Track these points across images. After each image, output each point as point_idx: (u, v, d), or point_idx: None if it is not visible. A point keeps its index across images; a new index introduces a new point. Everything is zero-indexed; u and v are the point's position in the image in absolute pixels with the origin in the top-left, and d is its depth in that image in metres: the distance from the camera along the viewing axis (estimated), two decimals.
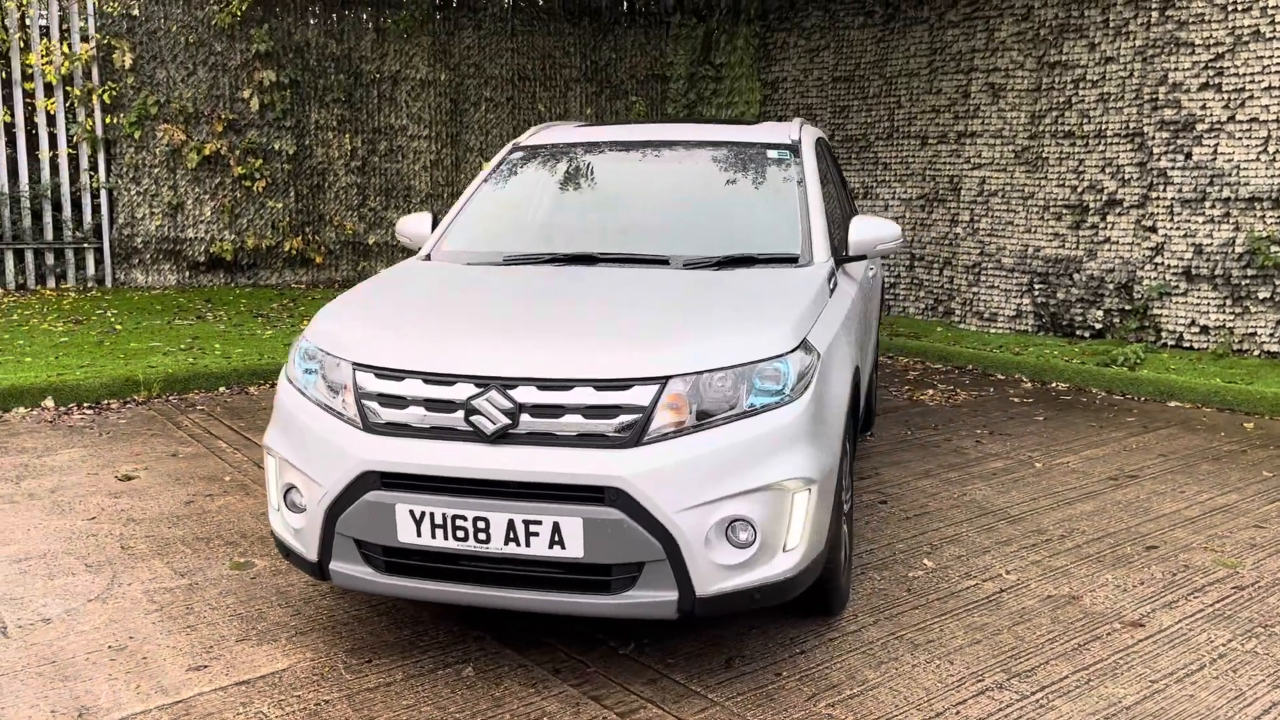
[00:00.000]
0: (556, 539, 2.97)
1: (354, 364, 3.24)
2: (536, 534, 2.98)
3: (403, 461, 3.06)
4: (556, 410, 3.02)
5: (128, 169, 10.01)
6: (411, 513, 3.05)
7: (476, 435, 3.04)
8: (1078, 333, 8.76)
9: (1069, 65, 8.60)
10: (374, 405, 3.17)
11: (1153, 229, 8.18)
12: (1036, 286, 8.95)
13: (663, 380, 3.02)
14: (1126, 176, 8.29)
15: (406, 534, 3.07)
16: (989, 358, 8.35)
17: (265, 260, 10.57)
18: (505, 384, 3.05)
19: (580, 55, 11.28)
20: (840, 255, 4.22)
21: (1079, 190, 8.60)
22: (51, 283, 10.07)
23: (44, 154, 9.88)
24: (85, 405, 6.62)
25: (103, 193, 10.02)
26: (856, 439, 4.15)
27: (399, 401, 3.14)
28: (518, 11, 10.92)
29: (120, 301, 9.64)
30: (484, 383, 3.06)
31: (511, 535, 3.00)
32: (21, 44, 9.67)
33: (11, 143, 9.82)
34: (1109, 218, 8.44)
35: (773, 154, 4.53)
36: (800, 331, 3.28)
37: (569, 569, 3.02)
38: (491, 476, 2.99)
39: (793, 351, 3.19)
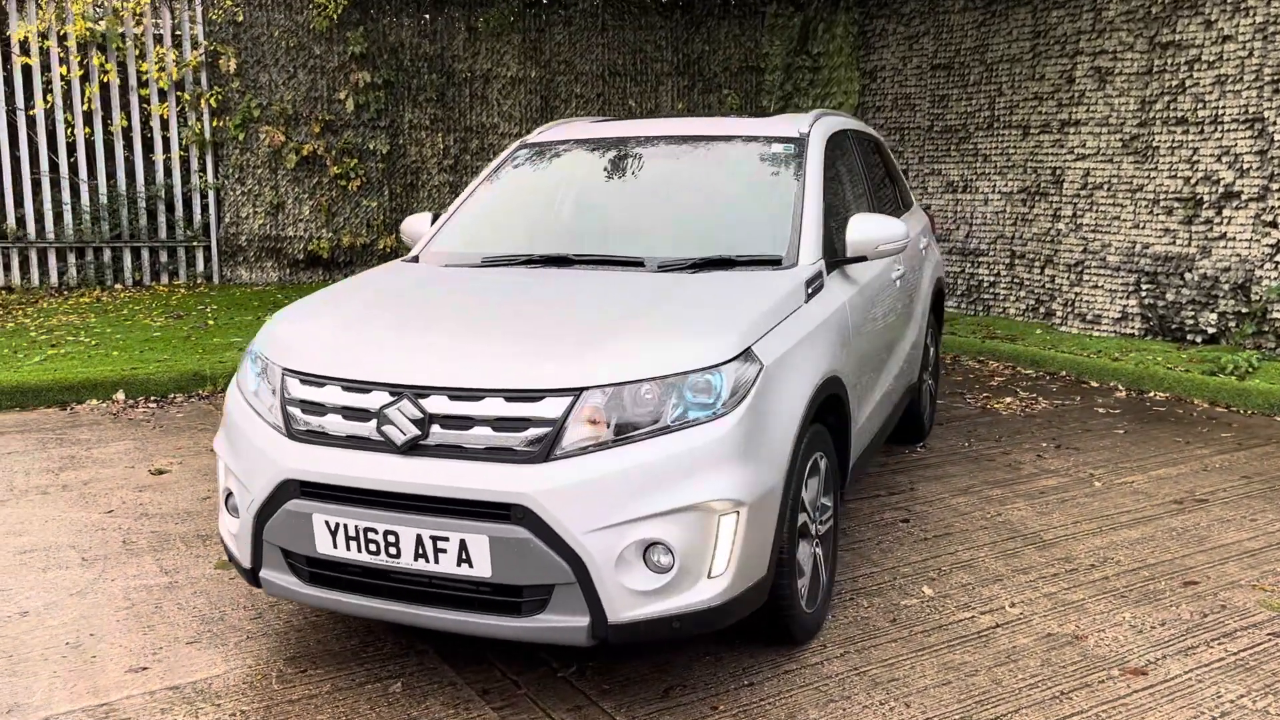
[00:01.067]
0: (464, 557, 2.85)
1: (283, 369, 3.20)
2: (445, 550, 2.86)
3: (318, 471, 2.99)
4: (466, 421, 2.89)
5: (233, 170, 10.41)
6: (327, 523, 2.98)
7: (388, 446, 2.94)
8: (1188, 337, 8.06)
9: (1182, 45, 7.91)
10: (296, 412, 3.11)
11: (1273, 224, 7.44)
12: (1144, 287, 8.28)
13: (576, 392, 2.85)
14: (1245, 166, 7.56)
15: (324, 545, 3.00)
16: (1084, 363, 7.77)
17: (360, 257, 10.82)
18: (417, 393, 2.94)
19: (672, 49, 11.10)
20: (836, 257, 3.93)
21: (1192, 182, 7.90)
22: (165, 279, 10.57)
23: (158, 156, 10.36)
24: (151, 399, 6.88)
25: (210, 193, 10.46)
26: (849, 456, 3.86)
27: (318, 409, 3.07)
28: (608, 6, 10.82)
29: (223, 297, 10.03)
30: (397, 391, 2.96)
31: (421, 551, 2.89)
32: (137, 52, 10.16)
33: (129, 146, 10.35)
34: (1225, 212, 7.72)
35: (777, 149, 4.27)
36: (744, 341, 3.05)
37: (478, 588, 2.89)
38: (400, 489, 2.89)
39: (728, 362, 2.97)
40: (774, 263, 3.73)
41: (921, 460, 5.57)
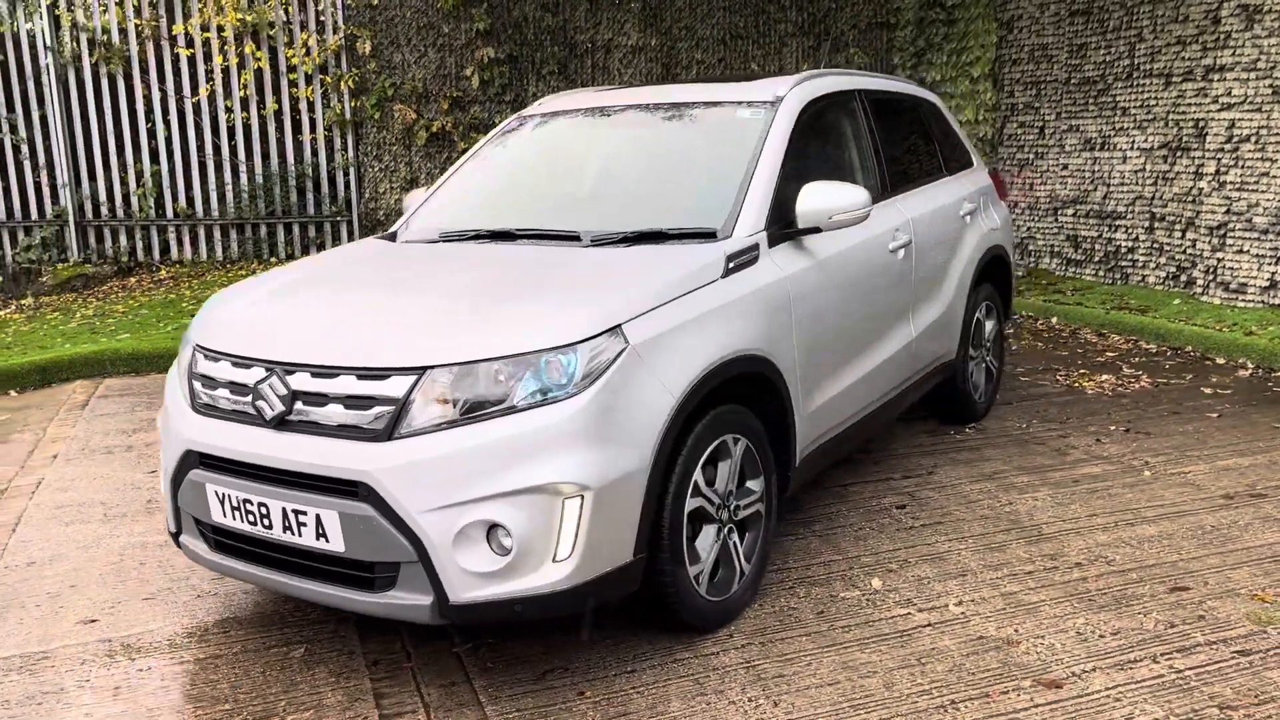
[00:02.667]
0: (321, 531, 2.93)
1: (194, 345, 3.36)
2: (305, 524, 2.95)
3: (208, 442, 3.14)
4: (323, 399, 2.96)
5: (371, 148, 10.91)
6: (216, 493, 3.13)
7: (261, 420, 3.04)
8: None
9: None
10: (198, 386, 3.27)
11: None
12: None
13: (420, 370, 2.85)
14: None
15: (216, 514, 3.15)
16: (1213, 338, 7.01)
17: None
18: (286, 369, 3.03)
19: (796, 8, 10.70)
20: (785, 229, 3.73)
21: None
22: (314, 253, 11.25)
23: (305, 137, 11.01)
24: None
25: (351, 170, 11.02)
26: (792, 439, 3.66)
27: (213, 383, 3.22)
28: None
29: None
30: (270, 367, 3.07)
31: (287, 523, 2.99)
32: (285, 40, 10.81)
33: (280, 128, 11.04)
34: None
35: (745, 114, 4.07)
36: (607, 320, 2.96)
37: (336, 562, 2.96)
38: (265, 463, 3.00)
39: (582, 341, 2.89)
40: (709, 235, 3.58)
41: (962, 442, 5.21)
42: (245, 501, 3.05)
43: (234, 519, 3.10)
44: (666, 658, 3.20)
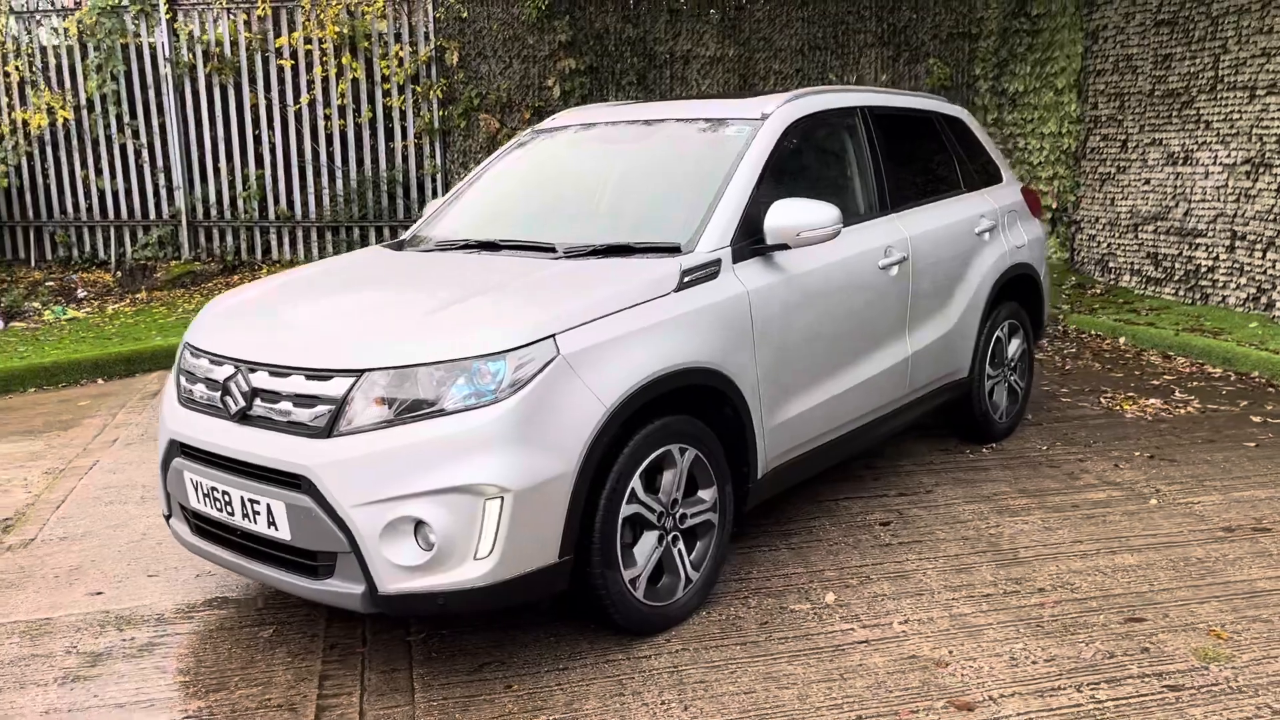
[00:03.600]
0: (271, 520, 3.16)
1: (184, 341, 3.64)
2: (259, 512, 3.18)
3: (186, 433, 3.41)
4: (276, 396, 3.18)
5: (457, 155, 11.30)
6: (192, 480, 3.39)
7: (227, 414, 3.29)
8: None
9: None
10: (183, 380, 3.55)
11: None
12: None
13: (359, 373, 3.05)
14: None
15: (193, 499, 3.42)
16: None
17: None
18: (250, 368, 3.27)
19: (876, 18, 10.61)
20: (755, 245, 3.80)
21: None
22: None
23: (396, 144, 11.48)
24: None
25: (438, 176, 11.43)
26: (752, 451, 3.72)
27: (194, 378, 3.49)
28: None
29: None
30: (238, 365, 3.31)
31: (245, 511, 3.23)
32: (381, 51, 11.29)
33: (374, 135, 11.54)
34: None
35: (729, 130, 4.16)
36: (540, 330, 3.10)
37: (285, 549, 3.18)
38: (228, 454, 3.25)
39: (514, 350, 3.04)
40: (673, 249, 3.68)
41: (973, 462, 5.15)
42: (214, 489, 3.30)
43: (206, 505, 3.36)
44: (600, 658, 3.32)
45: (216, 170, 11.70)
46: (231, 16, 11.38)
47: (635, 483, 3.31)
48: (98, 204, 11.86)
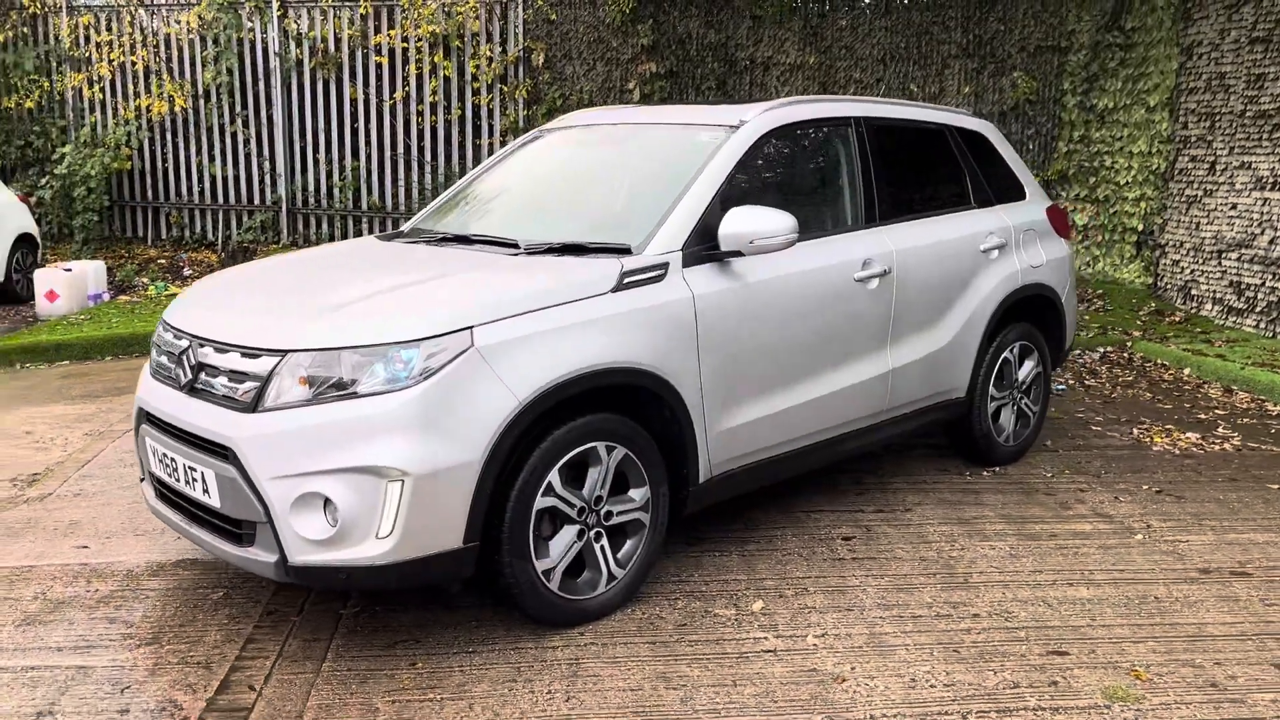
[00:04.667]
0: (205, 487, 3.36)
1: (162, 318, 3.89)
2: (196, 480, 3.39)
3: (149, 401, 3.65)
4: (216, 371, 3.38)
5: None
6: (151, 446, 3.63)
7: (178, 385, 3.51)
8: None
9: None
10: (154, 353, 3.79)
11: None
12: None
13: (283, 353, 3.21)
14: None
15: (153, 464, 3.66)
16: None
17: None
18: (200, 342, 3.48)
19: (961, 29, 10.35)
20: (707, 251, 3.82)
21: None
22: None
23: (483, 141, 11.79)
24: None
25: None
26: (692, 454, 3.74)
27: (159, 350, 3.72)
28: None
29: None
30: (192, 340, 3.52)
31: (186, 477, 3.44)
32: (472, 51, 11.62)
33: (462, 131, 11.89)
34: None
35: (704, 136, 4.19)
36: (457, 321, 3.21)
37: (217, 516, 3.37)
38: (175, 422, 3.46)
39: (427, 339, 3.16)
40: (623, 251, 3.74)
41: (968, 484, 5.03)
42: (165, 455, 3.52)
43: (160, 469, 3.59)
44: (510, 645, 3.41)
45: (316, 161, 12.23)
46: (337, 14, 11.88)
47: (553, 476, 3.38)
48: (209, 189, 12.55)
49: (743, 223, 3.78)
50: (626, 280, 3.60)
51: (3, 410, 6.38)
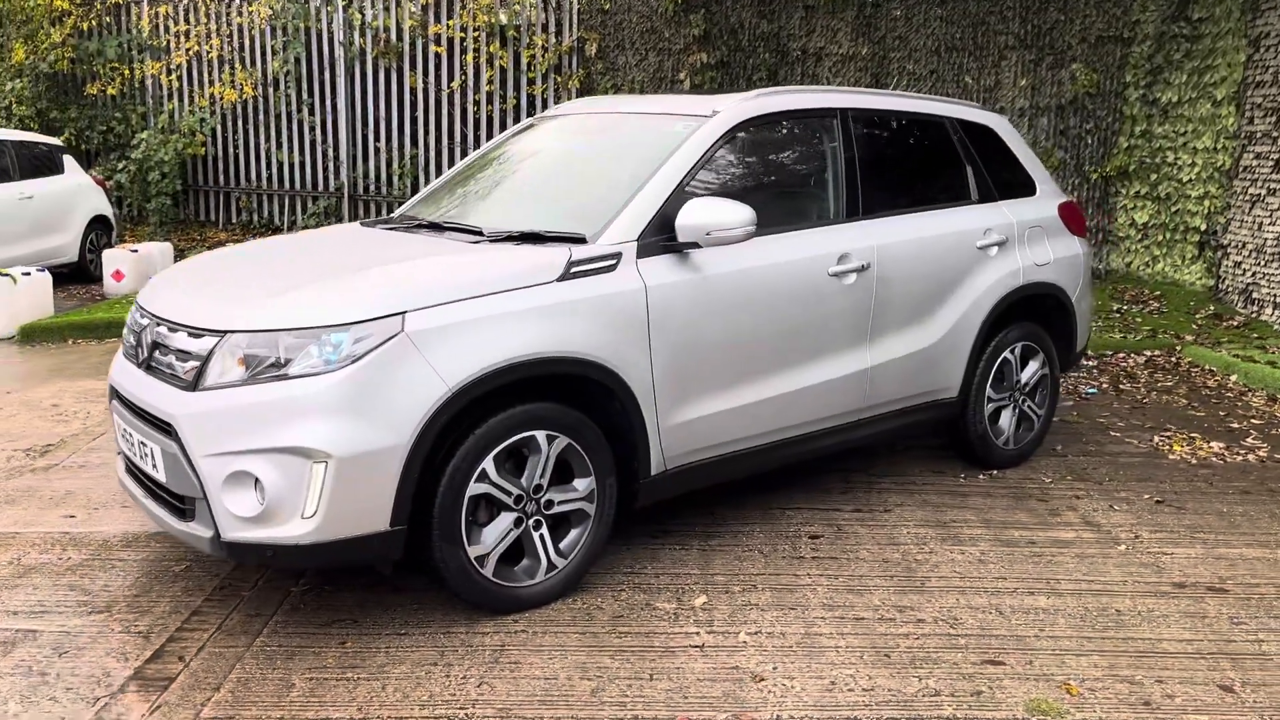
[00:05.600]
0: (154, 462, 3.46)
1: (136, 299, 4.01)
2: (147, 454, 3.50)
3: (116, 378, 3.78)
4: (166, 349, 3.48)
5: None
6: (116, 421, 3.76)
7: (136, 362, 3.63)
8: None
9: None
10: (125, 331, 3.92)
11: None
12: None
13: (222, 334, 3.29)
14: None
15: (119, 438, 3.79)
16: None
17: None
18: (158, 322, 3.59)
19: (1019, 19, 10.02)
20: (665, 242, 3.79)
21: None
22: None
23: None
24: None
25: None
26: (642, 446, 3.72)
27: (128, 329, 3.85)
28: None
29: None
30: (151, 319, 3.64)
31: (140, 451, 3.55)
32: (527, 40, 11.71)
33: (517, 120, 11.98)
34: None
35: (676, 126, 4.15)
36: (389, 306, 3.25)
37: (165, 490, 3.48)
38: (131, 398, 3.58)
39: (357, 323, 3.21)
40: (578, 240, 3.74)
41: (958, 487, 4.90)
42: (126, 430, 3.65)
43: (124, 444, 3.71)
44: (441, 629, 3.44)
45: (376, 149, 12.47)
46: (399, 4, 12.08)
47: (488, 463, 3.40)
48: (276, 175, 12.90)
49: (699, 214, 3.74)
50: (574, 269, 3.59)
51: (39, 383, 6.67)
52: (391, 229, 4.38)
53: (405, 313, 3.26)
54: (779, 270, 4.09)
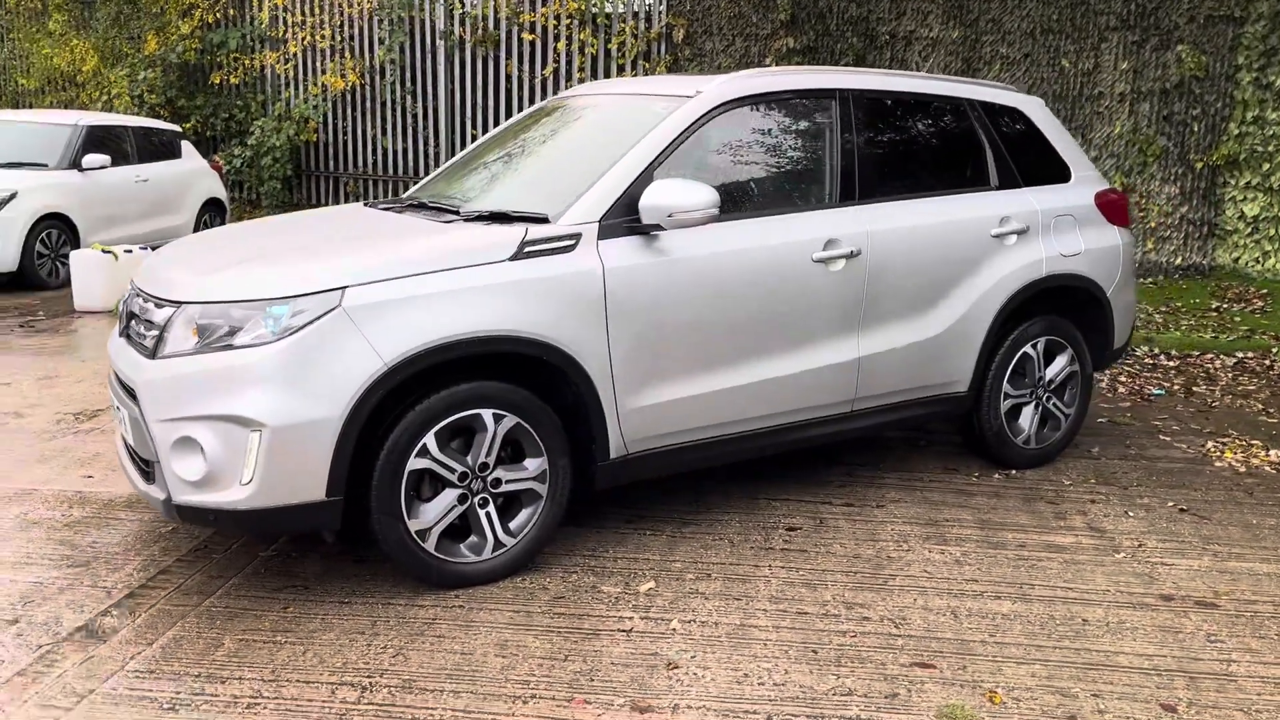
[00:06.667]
0: (126, 426, 3.64)
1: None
2: (121, 418, 3.68)
3: (110, 348, 3.98)
4: (138, 319, 3.65)
5: None
6: (110, 388, 3.96)
7: (120, 331, 3.82)
8: None
9: None
10: (122, 306, 4.12)
11: None
12: None
13: (178, 304, 3.43)
14: None
15: (113, 403, 3.99)
16: None
17: None
18: (137, 293, 3.77)
19: None
20: (629, 223, 3.75)
21: None
22: None
23: None
24: None
25: None
26: (599, 428, 3.69)
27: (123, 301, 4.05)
28: None
29: None
30: (134, 291, 3.81)
31: (117, 416, 3.74)
32: (620, 27, 11.73)
33: None
34: None
35: (657, 107, 4.10)
36: (329, 282, 3.33)
37: (134, 453, 3.65)
38: (112, 364, 3.76)
39: (297, 296, 3.29)
40: (541, 220, 3.74)
41: (966, 485, 4.70)
42: (111, 396, 3.84)
43: (113, 409, 3.91)
44: (385, 600, 3.51)
45: (473, 135, 12.72)
46: None
47: (429, 439, 3.44)
48: (380, 160, 13.31)
49: (661, 195, 3.69)
50: (527, 249, 3.60)
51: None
52: (387, 209, 4.46)
53: (345, 288, 3.33)
54: (754, 255, 4.00)
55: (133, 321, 3.70)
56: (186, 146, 12.00)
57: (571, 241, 3.67)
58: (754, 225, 4.03)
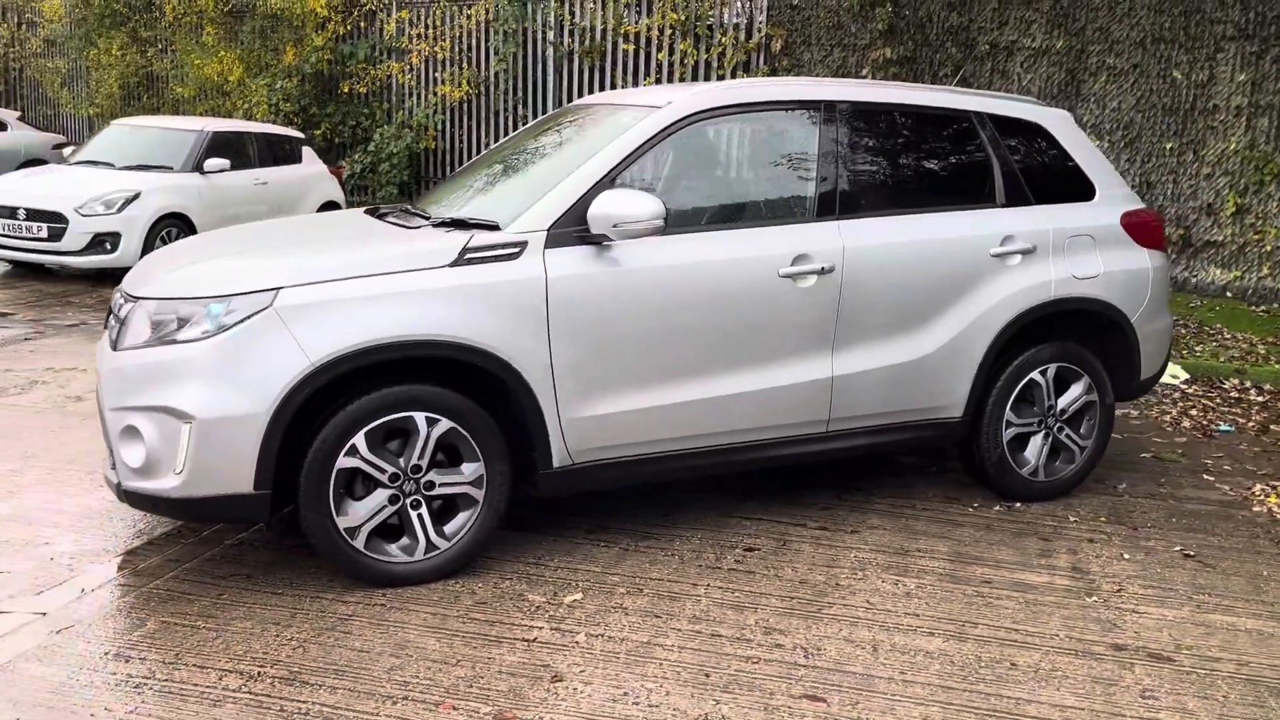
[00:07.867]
0: (101, 412, 3.87)
1: None
2: (99, 405, 3.91)
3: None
4: (114, 315, 3.87)
5: None
6: None
7: (106, 324, 4.06)
8: None
9: None
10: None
11: None
12: None
13: (136, 300, 3.63)
14: None
15: None
16: None
17: None
18: (118, 291, 4.00)
19: (1240, 6, 8.73)
20: (580, 233, 3.75)
21: None
22: None
23: None
24: None
25: None
26: (539, 434, 3.69)
27: None
28: None
29: None
30: (118, 289, 4.05)
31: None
32: (720, 37, 11.70)
33: None
34: None
35: (625, 118, 4.09)
36: (264, 283, 3.46)
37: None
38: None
39: (231, 296, 3.44)
40: (491, 227, 3.78)
41: (958, 515, 4.47)
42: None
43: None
44: (314, 594, 3.61)
45: None
46: (605, 4, 12.43)
47: (359, 439, 3.52)
48: None
49: (607, 205, 3.67)
50: (468, 255, 3.64)
51: None
52: (379, 215, 4.58)
53: (280, 289, 3.44)
54: (714, 268, 3.92)
55: (111, 317, 3.92)
56: (307, 152, 12.59)
57: (516, 249, 3.69)
58: (716, 238, 3.96)
